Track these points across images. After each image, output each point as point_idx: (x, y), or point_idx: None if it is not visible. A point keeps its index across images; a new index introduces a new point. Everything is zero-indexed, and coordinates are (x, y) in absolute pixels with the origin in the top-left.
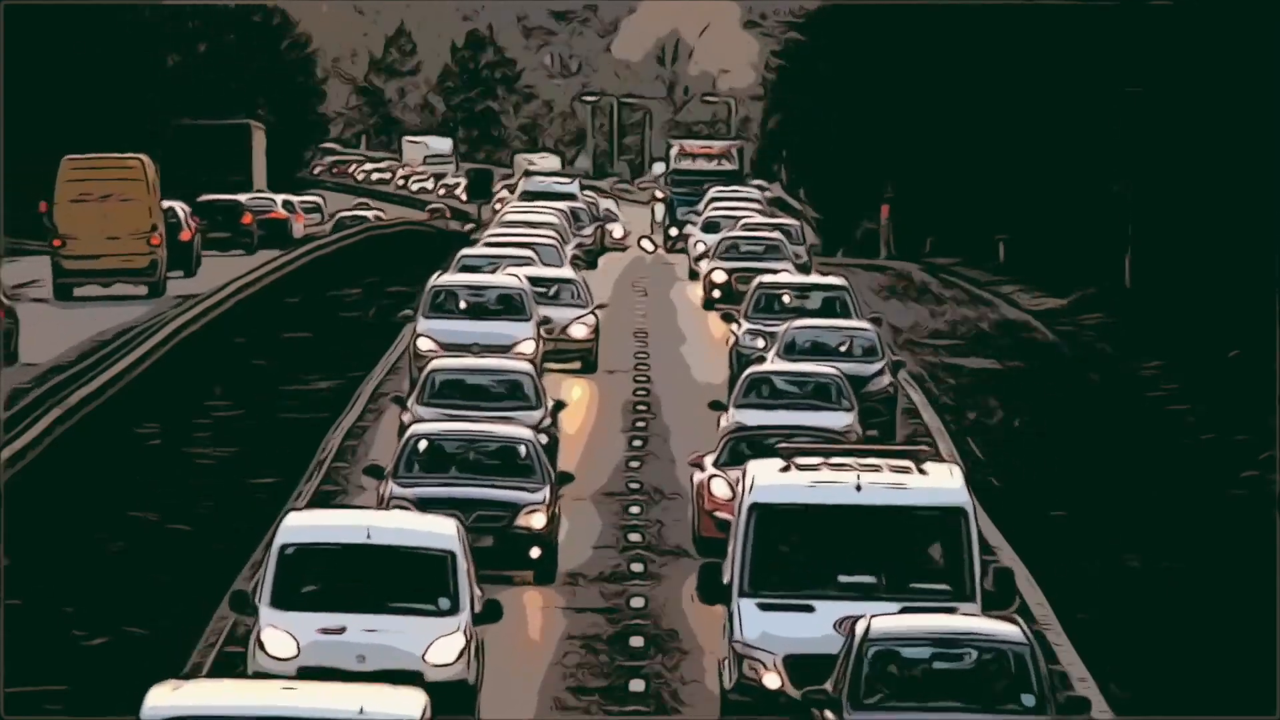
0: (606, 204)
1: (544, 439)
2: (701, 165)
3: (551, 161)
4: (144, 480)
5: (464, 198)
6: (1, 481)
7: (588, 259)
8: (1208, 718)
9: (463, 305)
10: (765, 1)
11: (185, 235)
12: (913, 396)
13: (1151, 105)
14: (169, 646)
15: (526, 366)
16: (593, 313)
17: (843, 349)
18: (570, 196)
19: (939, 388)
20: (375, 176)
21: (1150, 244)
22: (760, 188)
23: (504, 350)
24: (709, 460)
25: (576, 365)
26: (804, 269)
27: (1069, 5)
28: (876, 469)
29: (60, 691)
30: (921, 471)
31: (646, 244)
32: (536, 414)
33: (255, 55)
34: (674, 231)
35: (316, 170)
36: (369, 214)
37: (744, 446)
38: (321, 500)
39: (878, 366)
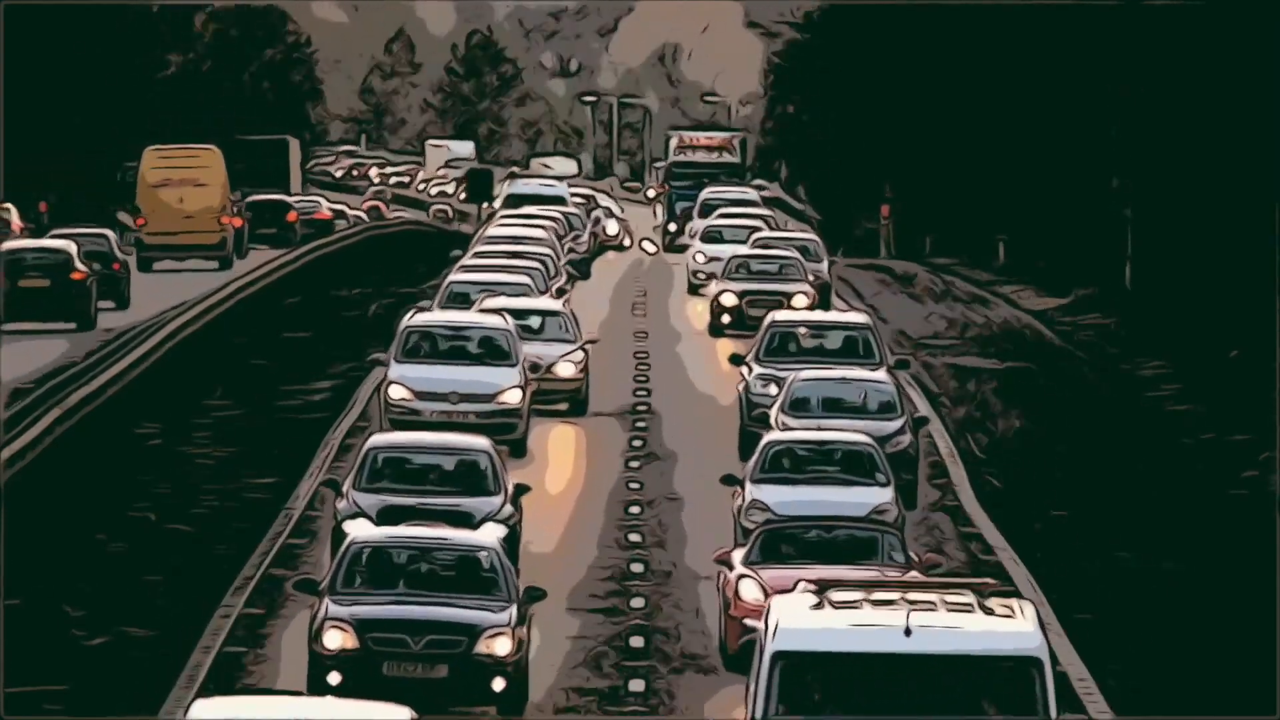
0: (606, 202)
1: (502, 532)
2: (702, 158)
3: (567, 165)
4: (144, 480)
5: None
6: (1, 481)
7: (581, 269)
8: (1208, 718)
9: (440, 348)
10: (765, 2)
11: (237, 222)
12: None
13: (1151, 105)
14: (169, 646)
15: (484, 444)
16: (582, 348)
17: (859, 402)
18: (559, 200)
19: (939, 387)
20: (394, 180)
21: (1150, 244)
22: (759, 187)
23: (486, 399)
24: (737, 556)
25: (563, 407)
26: (825, 291)
27: (1069, 5)
28: (930, 607)
29: (60, 691)
30: (986, 610)
31: (648, 245)
32: (495, 500)
33: (255, 56)
34: (673, 227)
35: (338, 174)
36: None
37: (779, 541)
38: (315, 502)
39: (896, 425)
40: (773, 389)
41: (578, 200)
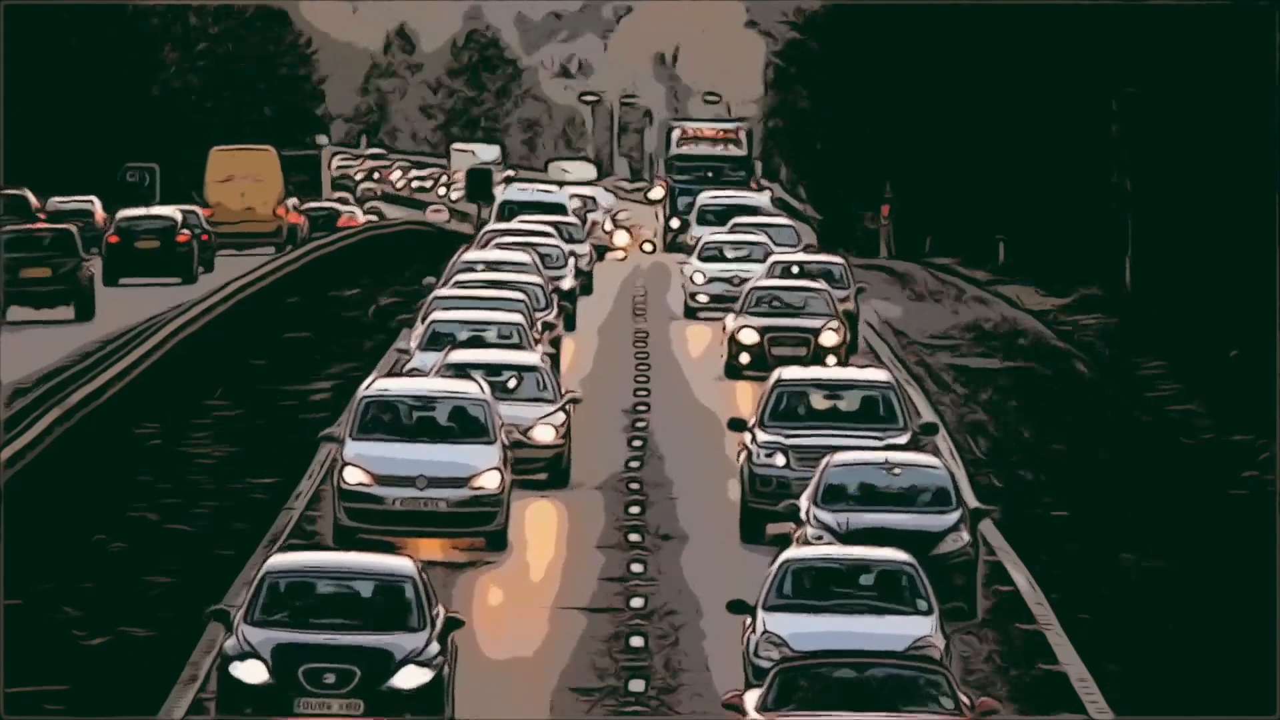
0: (606, 201)
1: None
2: (706, 149)
3: (585, 169)
4: (144, 480)
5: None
6: (1, 481)
7: (580, 284)
8: (1208, 718)
9: (403, 422)
10: (766, 2)
11: (294, 218)
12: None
13: (1151, 105)
14: (169, 646)
15: (407, 567)
16: (563, 409)
17: (906, 491)
18: (558, 208)
19: (939, 387)
20: (415, 184)
21: (1150, 244)
22: (757, 187)
23: (459, 484)
24: (751, 700)
25: (542, 477)
26: (851, 323)
27: (1069, 5)
28: None
29: (60, 691)
30: None
31: (648, 246)
32: (418, 638)
33: (255, 55)
34: (675, 224)
35: (358, 177)
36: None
37: (800, 682)
38: (315, 503)
39: (951, 519)
40: (779, 459)
41: (576, 205)
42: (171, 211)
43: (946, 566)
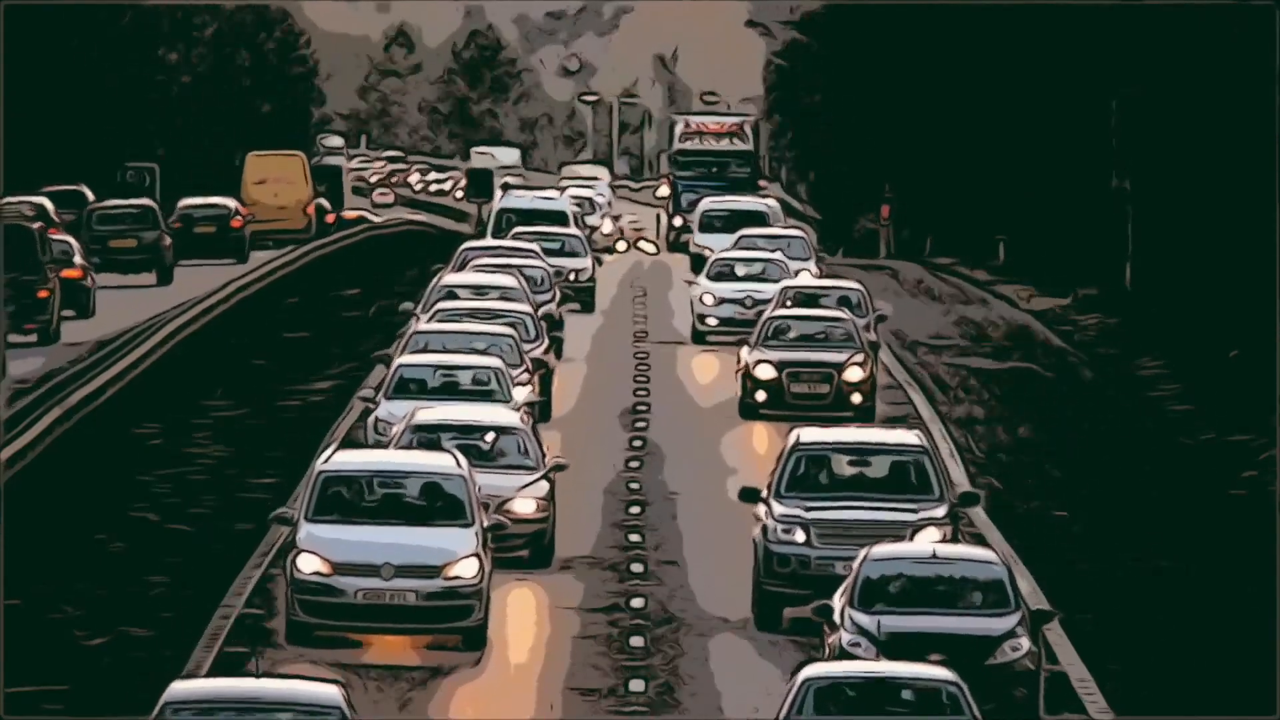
0: (601, 198)
1: None
2: (711, 144)
3: (598, 173)
4: (144, 480)
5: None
6: (1, 481)
7: (582, 297)
8: (1208, 718)
9: (367, 501)
10: (766, 2)
11: (330, 219)
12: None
13: (1151, 105)
14: (169, 646)
15: (333, 695)
16: (546, 477)
17: (956, 590)
18: (560, 217)
19: (939, 388)
20: (434, 187)
21: (1151, 244)
22: (762, 190)
23: (431, 573)
24: None
25: (523, 554)
26: (874, 351)
27: (1069, 5)
28: None
29: (60, 691)
30: None
31: (646, 245)
32: None
33: (253, 55)
34: (679, 222)
35: (373, 179)
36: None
37: None
38: None
39: (1009, 622)
40: (798, 535)
41: (575, 209)
42: (228, 200)
43: (1003, 678)
